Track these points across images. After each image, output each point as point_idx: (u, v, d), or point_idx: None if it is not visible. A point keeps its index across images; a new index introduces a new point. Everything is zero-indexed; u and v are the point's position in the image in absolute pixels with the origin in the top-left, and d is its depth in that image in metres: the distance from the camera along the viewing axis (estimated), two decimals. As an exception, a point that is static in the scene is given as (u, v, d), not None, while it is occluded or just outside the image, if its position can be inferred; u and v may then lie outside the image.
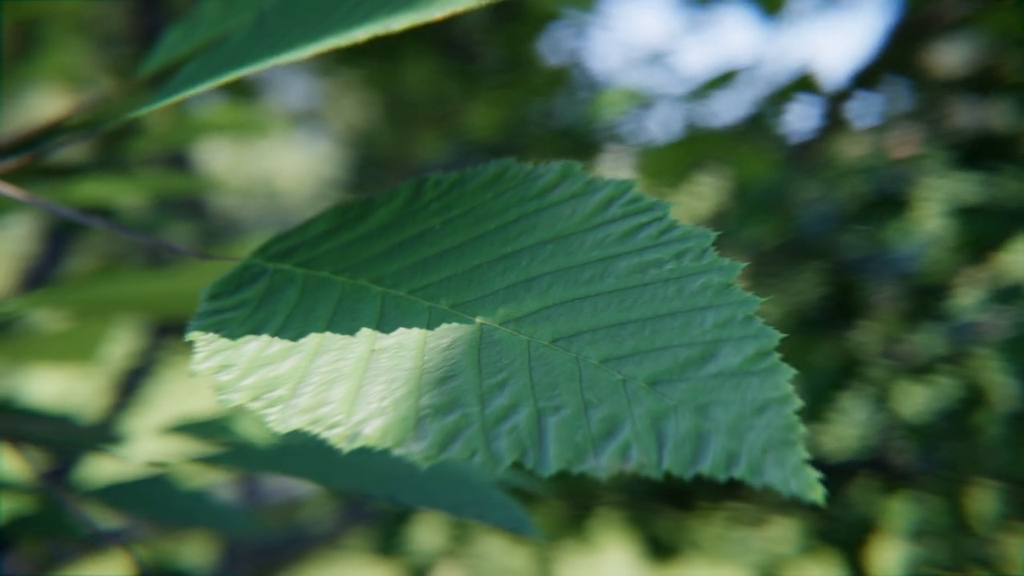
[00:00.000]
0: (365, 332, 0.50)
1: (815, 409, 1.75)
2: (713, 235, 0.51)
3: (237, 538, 1.97)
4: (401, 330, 0.50)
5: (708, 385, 0.45)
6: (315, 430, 0.45)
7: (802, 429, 0.43)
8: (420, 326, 0.50)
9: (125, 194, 1.08)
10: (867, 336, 1.81)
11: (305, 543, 2.01)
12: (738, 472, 0.43)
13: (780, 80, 1.84)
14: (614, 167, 2.02)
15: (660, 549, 1.93)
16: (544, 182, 0.55)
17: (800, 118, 1.89)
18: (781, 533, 1.95)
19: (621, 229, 0.52)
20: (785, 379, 0.45)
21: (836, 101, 1.87)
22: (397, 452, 0.44)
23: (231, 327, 0.52)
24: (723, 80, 1.82)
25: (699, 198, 2.01)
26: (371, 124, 2.11)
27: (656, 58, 1.96)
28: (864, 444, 1.83)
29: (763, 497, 1.93)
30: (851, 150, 1.97)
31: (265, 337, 0.51)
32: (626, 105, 1.93)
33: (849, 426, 1.84)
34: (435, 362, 0.48)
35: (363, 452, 0.50)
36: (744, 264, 0.49)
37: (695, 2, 1.89)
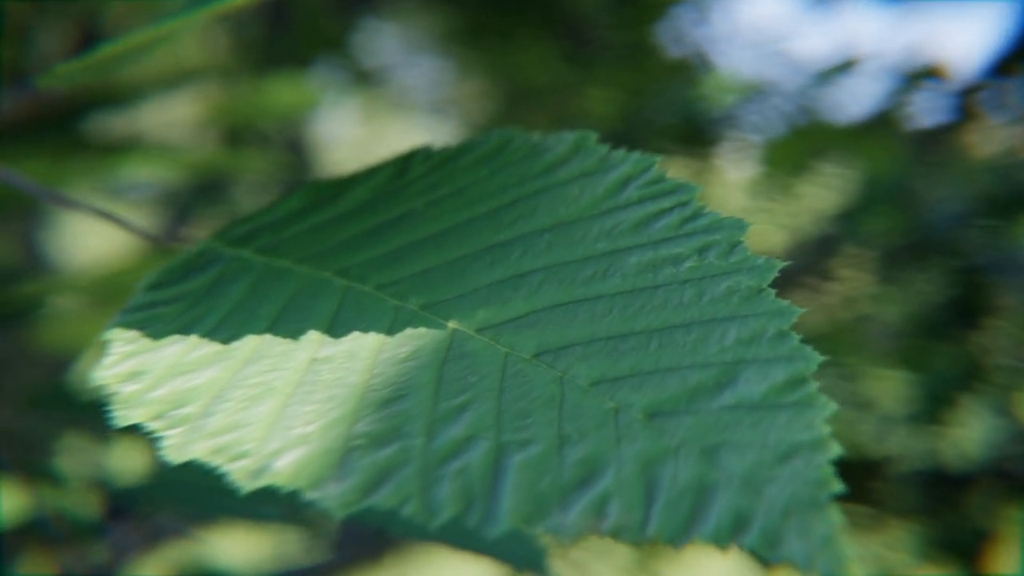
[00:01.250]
0: (312, 336, 0.39)
1: (935, 413, 1.60)
2: (747, 225, 0.38)
3: (342, 526, 1.88)
4: (355, 335, 0.39)
5: (721, 420, 0.33)
6: (217, 461, 0.34)
7: (838, 486, 0.31)
8: (382, 330, 0.39)
9: (167, 169, 0.98)
10: (993, 339, 1.65)
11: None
12: (748, 541, 0.30)
13: (907, 69, 1.68)
14: (734, 157, 1.88)
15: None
16: (551, 157, 0.43)
17: (928, 109, 1.72)
18: (898, 538, 1.80)
19: (635, 216, 0.40)
20: (821, 417, 0.32)
21: (967, 93, 1.70)
22: (310, 496, 0.32)
23: (159, 325, 0.41)
24: (846, 68, 1.67)
25: (823, 187, 1.87)
26: (491, 109, 2.00)
27: (777, 45, 1.82)
28: (986, 451, 1.67)
29: (880, 499, 1.79)
30: (982, 145, 1.80)
31: (193, 338, 0.40)
32: (746, 93, 1.79)
33: (971, 432, 1.69)
34: (385, 377, 0.36)
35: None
36: (783, 263, 0.37)
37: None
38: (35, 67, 1.07)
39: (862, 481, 1.69)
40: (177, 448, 0.35)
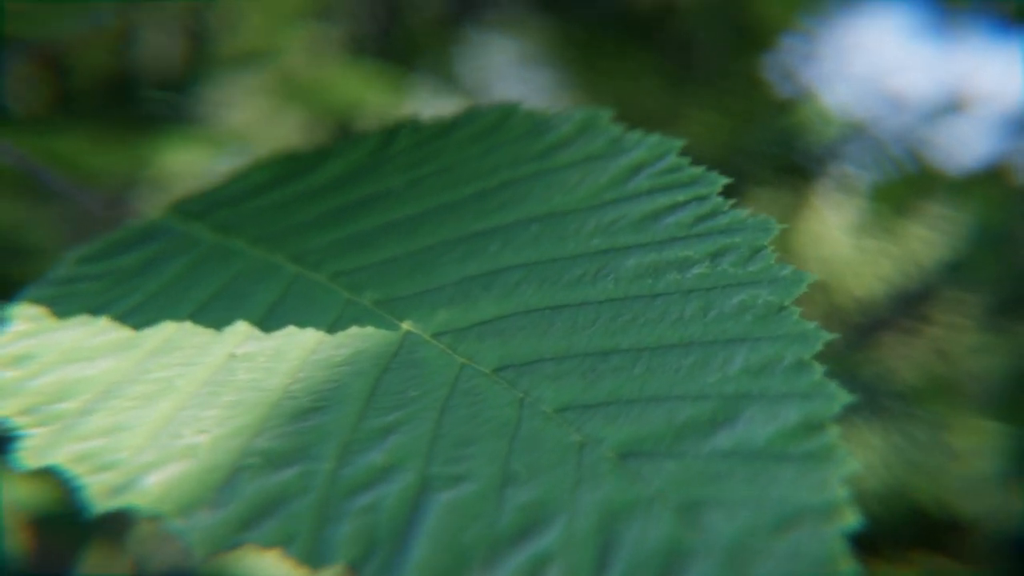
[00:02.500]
0: (239, 328, 0.31)
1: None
2: (774, 228, 0.30)
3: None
4: (290, 330, 0.31)
5: (711, 469, 0.25)
6: (77, 470, 0.26)
7: (849, 567, 0.22)
8: (322, 326, 0.31)
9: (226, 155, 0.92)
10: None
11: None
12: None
13: (1020, 116, 1.56)
14: (836, 195, 1.77)
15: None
16: (554, 136, 0.35)
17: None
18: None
19: (642, 210, 0.32)
20: (837, 475, 0.24)
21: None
22: (174, 525, 0.25)
23: (72, 302, 0.34)
24: (956, 109, 1.56)
25: (927, 231, 1.76)
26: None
27: (886, 82, 1.71)
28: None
29: (964, 555, 1.67)
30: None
31: (103, 321, 0.32)
32: (852, 130, 1.69)
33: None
34: (310, 383, 0.29)
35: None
36: (812, 277, 0.28)
37: (936, 27, 1.64)
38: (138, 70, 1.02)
39: (946, 537, 1.58)
40: (36, 451, 0.27)
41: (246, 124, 1.18)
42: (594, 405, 0.27)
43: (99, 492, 0.26)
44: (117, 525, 0.96)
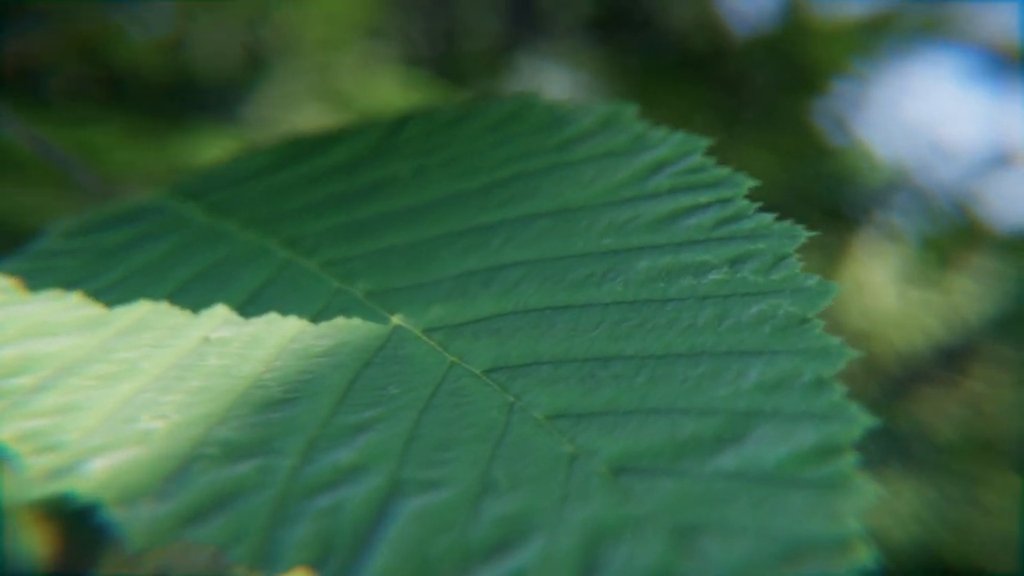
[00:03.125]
0: (217, 312, 0.29)
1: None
2: (802, 236, 0.27)
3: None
4: (271, 317, 0.28)
5: (713, 490, 0.22)
6: (20, 449, 0.24)
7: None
8: (307, 315, 0.28)
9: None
10: None
11: None
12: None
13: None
14: (881, 245, 1.74)
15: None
16: (573, 130, 0.32)
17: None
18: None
19: (660, 210, 0.29)
20: (852, 506, 0.21)
21: None
22: (114, 514, 0.22)
23: (50, 276, 0.31)
24: (1007, 162, 1.53)
25: (972, 285, 1.72)
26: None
27: (935, 134, 1.68)
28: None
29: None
30: None
31: (75, 296, 0.30)
32: (899, 179, 1.66)
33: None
34: (284, 373, 0.26)
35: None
36: (839, 288, 0.25)
37: (989, 76, 1.61)
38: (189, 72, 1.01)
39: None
40: (-19, 427, 0.25)
41: (292, 129, 1.17)
42: (590, 414, 0.24)
43: (38, 474, 0.23)
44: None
